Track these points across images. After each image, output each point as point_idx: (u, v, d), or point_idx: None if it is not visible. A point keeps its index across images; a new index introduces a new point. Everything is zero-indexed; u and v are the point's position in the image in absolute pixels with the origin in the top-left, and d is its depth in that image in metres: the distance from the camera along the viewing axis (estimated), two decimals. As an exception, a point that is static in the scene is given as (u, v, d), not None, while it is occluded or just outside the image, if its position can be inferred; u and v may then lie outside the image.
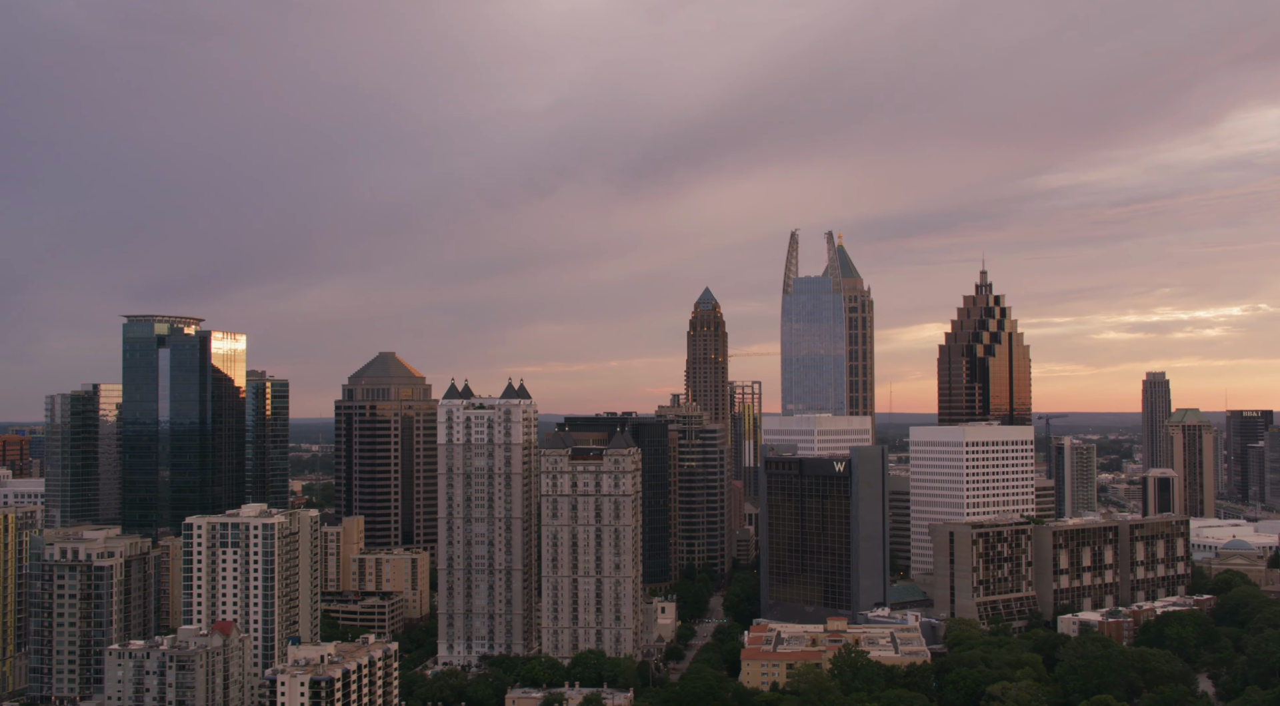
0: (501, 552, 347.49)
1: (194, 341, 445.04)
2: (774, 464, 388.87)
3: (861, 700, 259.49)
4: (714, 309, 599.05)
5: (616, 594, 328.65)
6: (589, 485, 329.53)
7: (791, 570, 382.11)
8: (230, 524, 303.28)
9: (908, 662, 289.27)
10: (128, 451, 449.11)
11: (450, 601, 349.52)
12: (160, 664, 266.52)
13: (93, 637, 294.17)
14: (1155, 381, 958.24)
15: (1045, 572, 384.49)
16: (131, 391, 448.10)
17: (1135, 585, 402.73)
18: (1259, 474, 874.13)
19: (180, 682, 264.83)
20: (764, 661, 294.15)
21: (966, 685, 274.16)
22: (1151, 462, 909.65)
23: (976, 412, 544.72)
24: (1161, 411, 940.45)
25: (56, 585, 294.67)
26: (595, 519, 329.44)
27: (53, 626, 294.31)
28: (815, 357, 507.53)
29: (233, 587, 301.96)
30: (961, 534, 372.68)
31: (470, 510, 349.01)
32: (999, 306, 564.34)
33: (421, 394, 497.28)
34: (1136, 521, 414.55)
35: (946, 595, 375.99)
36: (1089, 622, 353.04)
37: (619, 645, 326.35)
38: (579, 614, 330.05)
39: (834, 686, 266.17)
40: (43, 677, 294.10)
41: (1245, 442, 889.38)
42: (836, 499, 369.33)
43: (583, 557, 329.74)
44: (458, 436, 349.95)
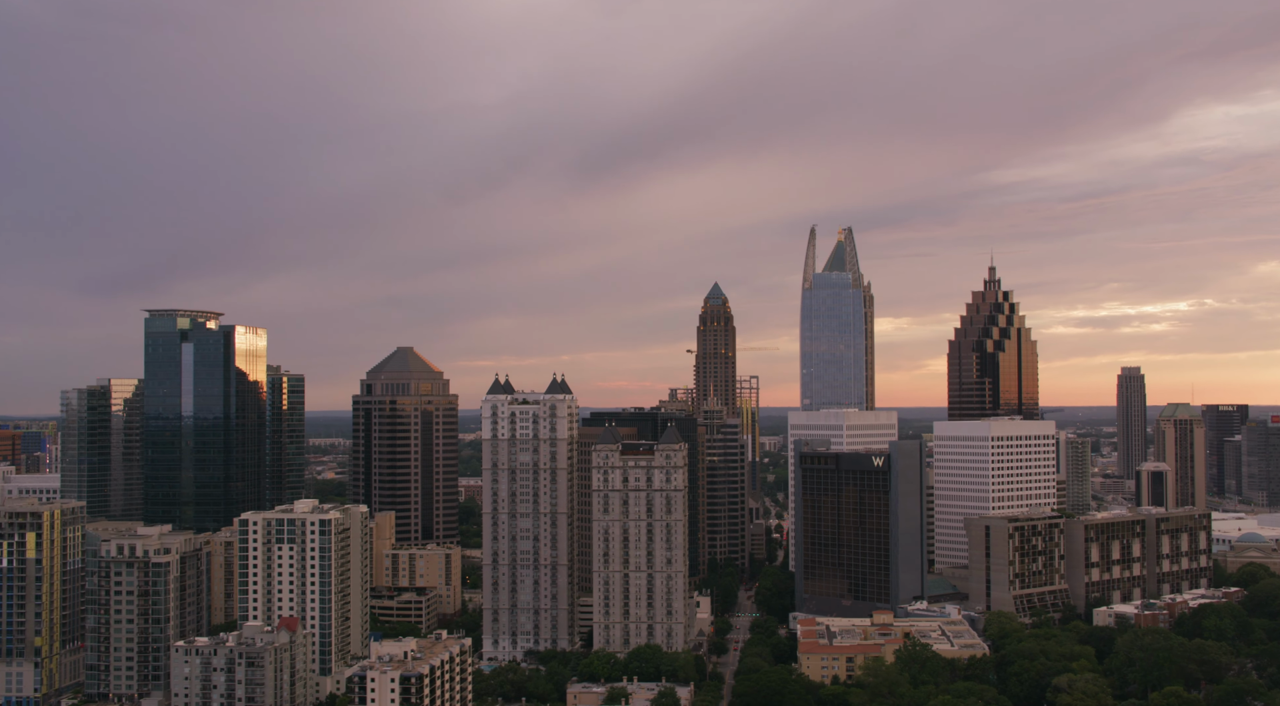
0: (547, 547, 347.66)
1: (218, 336, 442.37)
2: (809, 458, 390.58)
3: (929, 693, 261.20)
4: (724, 303, 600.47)
5: (668, 588, 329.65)
6: (640, 480, 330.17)
7: (827, 564, 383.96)
8: (286, 519, 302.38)
9: (967, 656, 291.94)
10: (150, 446, 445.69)
11: (495, 596, 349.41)
12: (228, 660, 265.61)
13: (150, 634, 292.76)
14: (1130, 376, 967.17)
15: (1077, 566, 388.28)
16: (154, 386, 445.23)
17: (1160, 578, 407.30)
18: (1235, 468, 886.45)
19: (249, 679, 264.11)
20: (824, 655, 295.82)
21: (1029, 677, 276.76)
22: (1128, 456, 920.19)
23: (987, 407, 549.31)
24: (1138, 405, 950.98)
25: (114, 582, 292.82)
26: (646, 514, 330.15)
27: (110, 623, 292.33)
28: (835, 353, 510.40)
29: (289, 583, 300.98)
30: (998, 527, 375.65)
31: (515, 505, 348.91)
32: (1008, 302, 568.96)
33: (440, 388, 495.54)
34: (1162, 515, 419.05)
35: (982, 588, 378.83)
36: (1125, 615, 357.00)
37: (670, 639, 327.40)
38: (630, 608, 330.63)
39: (903, 679, 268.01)
40: (100, 674, 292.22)
41: (1221, 437, 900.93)
42: (875, 493, 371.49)
43: (634, 552, 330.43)
44: (502, 432, 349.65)
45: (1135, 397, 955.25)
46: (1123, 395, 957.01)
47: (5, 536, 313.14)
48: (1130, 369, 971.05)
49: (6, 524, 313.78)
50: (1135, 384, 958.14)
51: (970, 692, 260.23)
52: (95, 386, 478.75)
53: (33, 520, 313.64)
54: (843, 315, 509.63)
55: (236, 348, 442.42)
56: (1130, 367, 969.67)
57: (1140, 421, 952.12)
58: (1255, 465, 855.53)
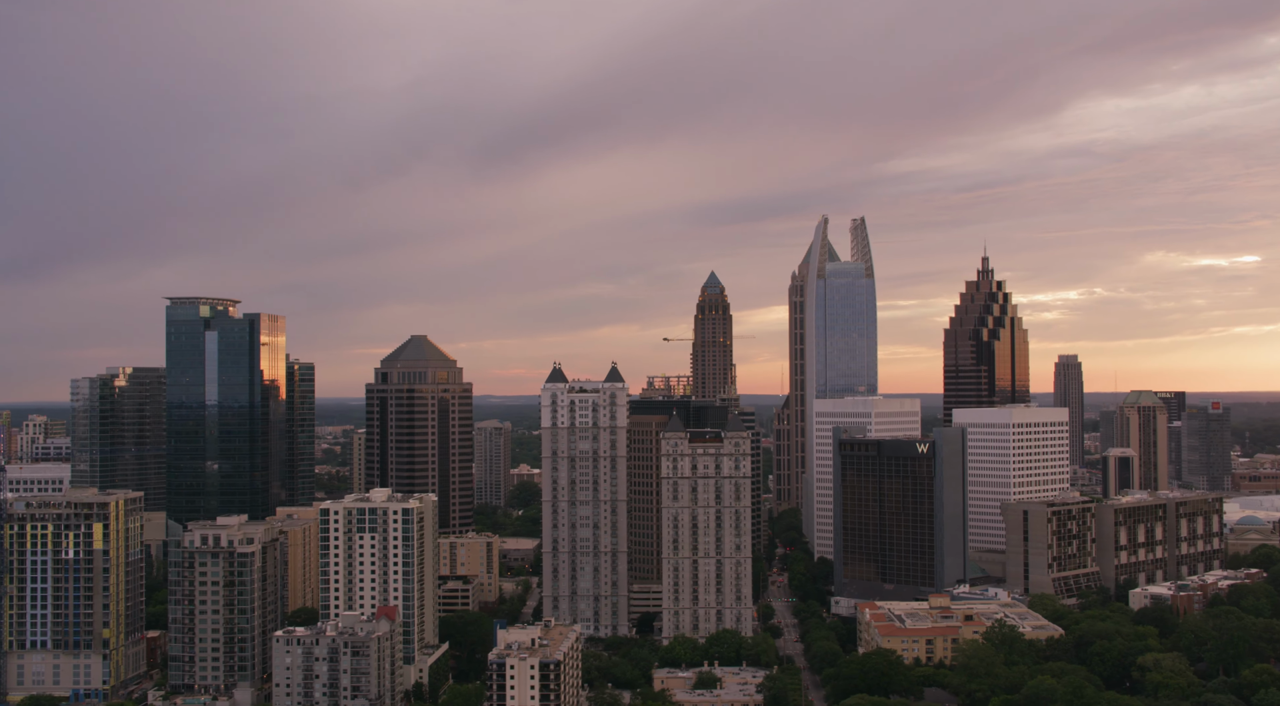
0: (607, 535, 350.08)
1: (242, 324, 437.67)
2: (848, 445, 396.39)
3: (1023, 673, 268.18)
4: (721, 293, 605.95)
5: (737, 574, 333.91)
6: (709, 467, 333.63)
7: (867, 549, 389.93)
8: (368, 509, 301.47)
9: (1045, 636, 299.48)
10: (173, 436, 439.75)
11: (556, 584, 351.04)
12: (330, 650, 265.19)
13: (236, 625, 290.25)
14: (1068, 363, 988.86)
15: (1107, 548, 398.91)
16: (176, 374, 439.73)
17: (1179, 560, 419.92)
18: (1176, 453, 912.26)
19: (355, 668, 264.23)
20: (903, 637, 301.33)
21: (1111, 657, 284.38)
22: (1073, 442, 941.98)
23: (983, 394, 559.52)
24: (1075, 392, 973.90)
25: (199, 572, 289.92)
26: (715, 500, 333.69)
27: (194, 614, 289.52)
28: (849, 342, 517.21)
29: (370, 572, 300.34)
30: (1036, 512, 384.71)
31: (575, 493, 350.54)
32: (1002, 291, 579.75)
33: (455, 377, 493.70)
34: (1181, 499, 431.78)
35: (1019, 571, 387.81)
36: (1160, 596, 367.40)
37: (739, 624, 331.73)
38: (699, 594, 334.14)
39: (998, 660, 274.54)
40: (184, 665, 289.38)
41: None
42: (918, 479, 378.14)
43: (703, 539, 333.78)
44: (562, 420, 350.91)
45: (1074, 385, 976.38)
46: (1060, 382, 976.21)
47: (71, 527, 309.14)
48: (1068, 357, 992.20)
49: (72, 515, 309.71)
50: (1073, 372, 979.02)
51: (1064, 672, 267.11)
52: (106, 374, 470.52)
53: (99, 510, 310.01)
54: (856, 304, 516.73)
55: (261, 335, 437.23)
56: (1068, 356, 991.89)
57: (1078, 408, 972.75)
58: (1195, 450, 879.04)
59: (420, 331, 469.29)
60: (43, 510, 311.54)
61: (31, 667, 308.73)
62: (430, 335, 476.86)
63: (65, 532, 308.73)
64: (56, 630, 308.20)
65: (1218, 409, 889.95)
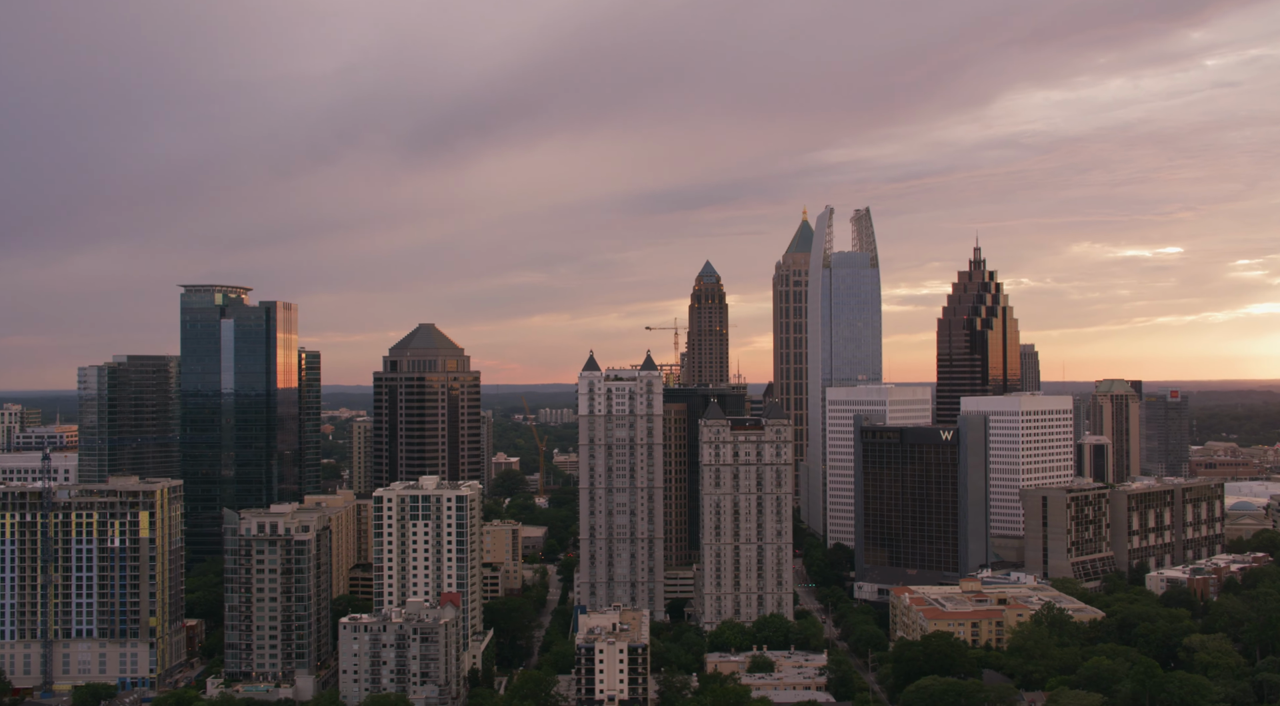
0: (644, 521, 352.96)
1: (259, 312, 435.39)
2: (870, 432, 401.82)
3: (1075, 654, 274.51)
4: (717, 283, 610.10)
5: (778, 559, 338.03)
6: (750, 454, 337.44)
7: (889, 535, 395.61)
8: (421, 496, 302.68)
9: (1088, 618, 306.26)
10: (188, 424, 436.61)
11: (593, 570, 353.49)
12: (398, 636, 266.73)
13: (294, 612, 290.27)
14: (1026, 352, 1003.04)
15: (1120, 533, 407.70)
16: (191, 362, 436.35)
17: (1185, 544, 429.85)
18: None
19: (425, 654, 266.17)
20: (949, 620, 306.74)
21: (1156, 638, 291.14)
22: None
23: (977, 383, 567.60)
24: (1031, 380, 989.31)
25: (256, 560, 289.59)
26: (757, 487, 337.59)
27: (252, 602, 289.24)
28: (854, 330, 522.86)
29: (424, 559, 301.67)
30: (1055, 498, 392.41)
31: (612, 480, 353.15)
32: (994, 281, 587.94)
33: (463, 366, 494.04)
34: (1186, 485, 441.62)
35: (1038, 556, 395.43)
36: (1177, 579, 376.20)
37: (780, 609, 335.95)
38: (741, 579, 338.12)
39: (1052, 642, 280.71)
40: (241, 653, 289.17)
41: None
42: (942, 466, 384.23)
43: (744, 525, 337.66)
44: (599, 408, 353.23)
45: (1031, 373, 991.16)
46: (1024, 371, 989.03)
47: (117, 515, 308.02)
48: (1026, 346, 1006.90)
49: (119, 503, 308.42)
50: (1030, 361, 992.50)
51: (1116, 653, 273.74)
52: (114, 363, 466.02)
53: (145, 498, 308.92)
54: (861, 293, 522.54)
55: (278, 323, 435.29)
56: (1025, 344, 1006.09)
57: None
58: (1154, 437, 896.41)
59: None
60: (89, 498, 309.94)
61: (78, 656, 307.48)
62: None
63: (111, 521, 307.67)
64: (103, 619, 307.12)
65: (1176, 398, 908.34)
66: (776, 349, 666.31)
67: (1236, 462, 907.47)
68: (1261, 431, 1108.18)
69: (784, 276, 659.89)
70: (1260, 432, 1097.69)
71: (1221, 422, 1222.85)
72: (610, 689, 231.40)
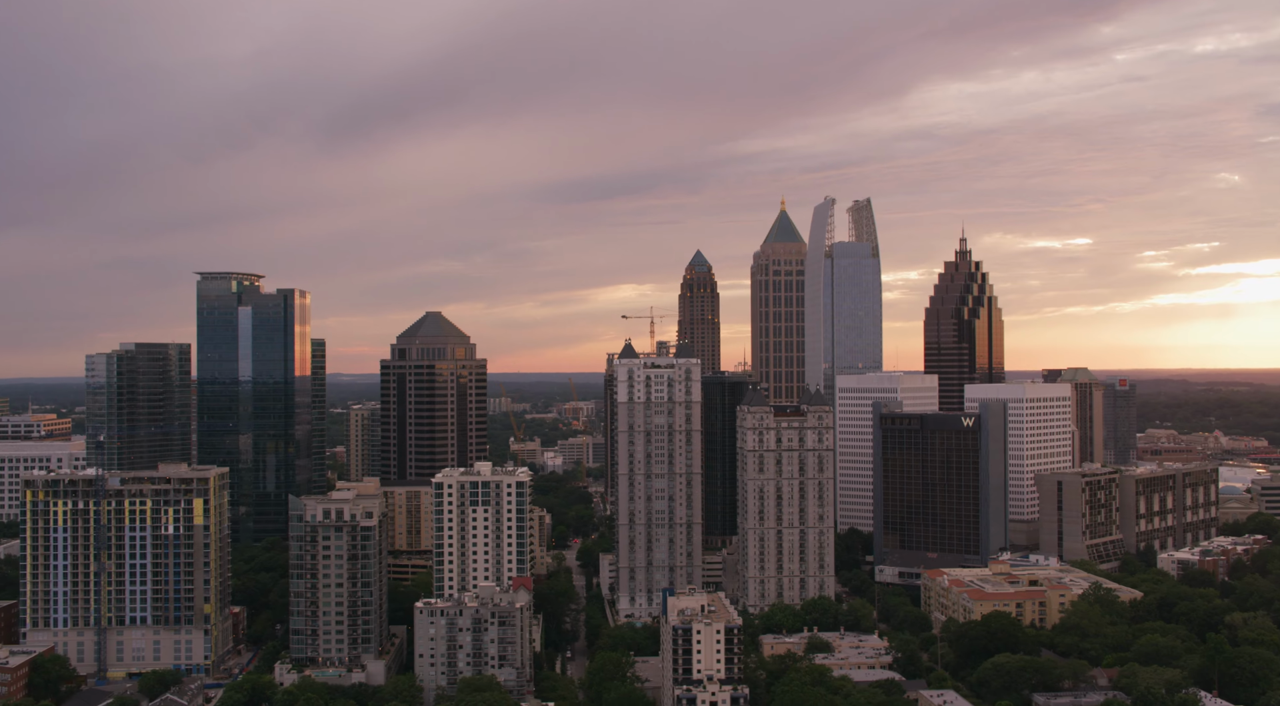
0: (682, 506, 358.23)
1: (277, 299, 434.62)
2: (889, 419, 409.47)
3: (1126, 632, 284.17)
4: (709, 271, 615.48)
5: (820, 543, 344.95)
6: (793, 440, 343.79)
7: (910, 520, 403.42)
8: (481, 481, 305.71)
9: (1129, 598, 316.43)
10: (205, 412, 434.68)
11: (632, 555, 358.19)
12: (475, 621, 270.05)
13: (360, 598, 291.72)
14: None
15: (1129, 517, 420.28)
16: (208, 350, 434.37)
17: (1185, 527, 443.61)
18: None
19: (502, 638, 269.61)
20: (995, 600, 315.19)
21: (1200, 616, 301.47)
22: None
23: (965, 371, 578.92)
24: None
25: (322, 546, 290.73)
26: (799, 472, 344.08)
27: (318, 588, 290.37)
28: (856, 319, 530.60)
29: (483, 544, 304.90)
30: (1071, 482, 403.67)
31: (650, 466, 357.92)
32: (980, 271, 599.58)
33: (470, 353, 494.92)
34: (1186, 470, 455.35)
35: (1053, 539, 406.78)
36: (1187, 561, 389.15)
37: (822, 591, 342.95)
38: (783, 563, 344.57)
39: (1105, 620, 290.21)
40: (306, 639, 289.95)
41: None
42: (963, 451, 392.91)
43: (786, 509, 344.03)
44: (638, 395, 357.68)
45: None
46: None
47: (171, 502, 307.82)
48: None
49: (173, 490, 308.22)
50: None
51: (1167, 630, 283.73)
52: (122, 351, 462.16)
53: (199, 486, 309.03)
54: (863, 283, 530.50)
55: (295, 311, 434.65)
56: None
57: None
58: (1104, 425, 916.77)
59: None
60: (141, 485, 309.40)
61: (131, 644, 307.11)
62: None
63: (165, 508, 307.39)
64: (157, 606, 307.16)
65: (1124, 386, 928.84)
66: (755, 338, 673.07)
67: (1179, 449, 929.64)
68: (1193, 419, 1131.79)
69: (763, 266, 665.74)
70: (1192, 420, 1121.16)
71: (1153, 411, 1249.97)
72: (708, 668, 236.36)
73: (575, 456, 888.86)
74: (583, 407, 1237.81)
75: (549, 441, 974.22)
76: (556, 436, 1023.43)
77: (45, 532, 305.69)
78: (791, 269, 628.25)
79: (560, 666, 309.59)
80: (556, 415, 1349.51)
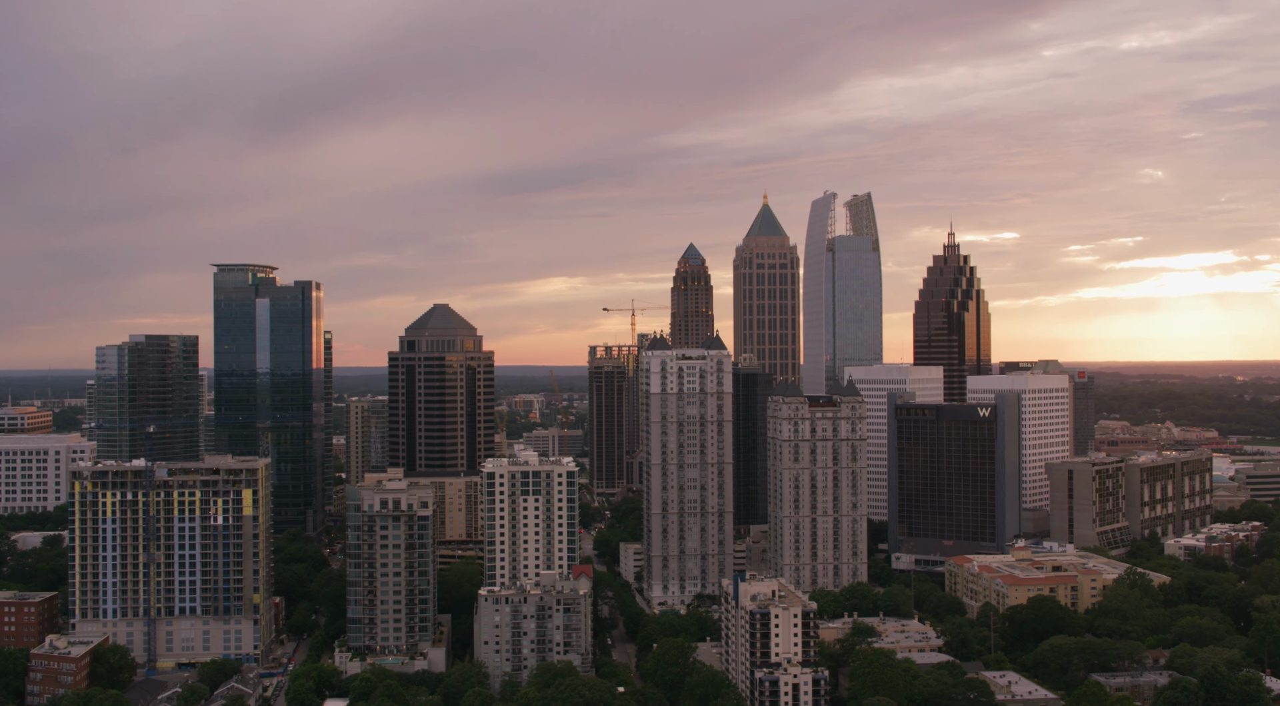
0: (714, 496, 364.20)
1: (294, 291, 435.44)
2: (904, 410, 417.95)
3: (1163, 615, 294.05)
4: (702, 264, 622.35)
5: (853, 531, 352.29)
6: (826, 431, 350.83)
7: (924, 508, 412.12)
8: (532, 471, 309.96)
9: (1158, 582, 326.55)
10: (222, 404, 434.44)
11: (665, 543, 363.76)
12: (539, 607, 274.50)
13: (416, 586, 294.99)
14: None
15: (1134, 504, 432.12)
16: (225, 342, 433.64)
17: (1183, 515, 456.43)
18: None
19: (568, 624, 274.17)
20: (1030, 586, 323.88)
21: (1228, 599, 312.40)
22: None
23: (955, 362, 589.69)
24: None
25: (379, 536, 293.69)
26: (833, 461, 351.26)
27: (376, 577, 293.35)
28: (857, 312, 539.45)
29: (534, 532, 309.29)
30: (1082, 471, 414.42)
31: (683, 456, 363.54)
32: (968, 265, 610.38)
33: (478, 346, 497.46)
34: (1185, 459, 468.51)
35: (1063, 526, 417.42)
36: (1194, 547, 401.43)
37: (856, 578, 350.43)
38: (818, 550, 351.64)
39: (1144, 604, 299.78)
40: (364, 627, 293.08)
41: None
42: (979, 441, 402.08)
43: (820, 498, 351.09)
44: (671, 386, 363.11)
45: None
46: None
47: (220, 493, 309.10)
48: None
49: (221, 481, 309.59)
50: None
51: (1202, 613, 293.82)
52: (133, 342, 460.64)
53: (248, 476, 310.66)
54: (864, 276, 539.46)
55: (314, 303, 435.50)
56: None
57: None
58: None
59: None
60: (190, 476, 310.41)
61: (181, 634, 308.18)
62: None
63: (214, 499, 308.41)
64: (206, 596, 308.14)
65: (1084, 377, 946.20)
66: (739, 330, 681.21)
67: (1134, 440, 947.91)
68: (1139, 411, 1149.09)
69: (746, 259, 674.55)
70: (1139, 412, 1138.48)
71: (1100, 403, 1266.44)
72: (785, 651, 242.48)
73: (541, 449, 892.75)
74: (544, 399, 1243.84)
75: (513, 434, 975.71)
76: (518, 429, 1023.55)
77: (94, 524, 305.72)
78: (776, 262, 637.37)
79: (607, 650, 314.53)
80: (508, 407, 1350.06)
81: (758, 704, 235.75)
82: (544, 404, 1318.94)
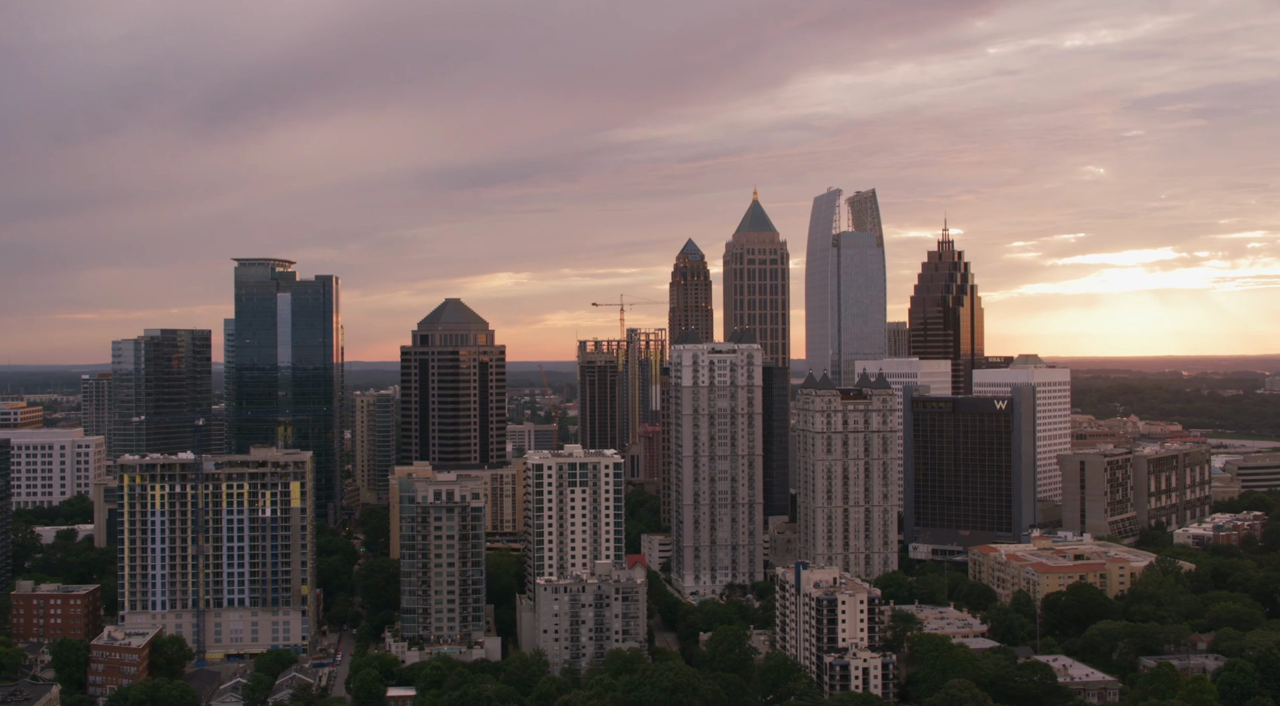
0: (745, 487, 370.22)
1: (315, 286, 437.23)
2: (921, 402, 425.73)
3: (1195, 601, 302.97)
4: (701, 260, 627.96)
5: (884, 521, 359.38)
6: (858, 422, 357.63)
7: (941, 499, 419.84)
8: (579, 463, 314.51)
9: (1184, 569, 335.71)
10: (242, 398, 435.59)
11: (696, 534, 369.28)
12: (598, 597, 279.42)
13: (470, 577, 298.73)
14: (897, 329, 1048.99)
15: (1142, 495, 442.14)
16: (246, 335, 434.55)
17: (1186, 505, 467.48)
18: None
19: (626, 613, 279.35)
20: (1060, 573, 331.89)
21: (1254, 585, 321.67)
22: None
23: (951, 356, 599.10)
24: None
25: (434, 527, 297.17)
26: (864, 453, 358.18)
27: (430, 567, 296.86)
28: (862, 308, 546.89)
29: (581, 523, 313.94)
30: (1094, 462, 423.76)
31: (714, 448, 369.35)
32: (962, 260, 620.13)
33: (489, 340, 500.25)
34: (1186, 451, 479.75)
35: (1075, 516, 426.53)
36: (1203, 535, 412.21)
37: (886, 567, 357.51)
38: (850, 540, 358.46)
39: (1177, 590, 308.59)
40: (418, 618, 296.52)
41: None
42: (996, 433, 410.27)
43: (852, 489, 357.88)
44: (702, 379, 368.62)
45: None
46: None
47: (268, 486, 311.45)
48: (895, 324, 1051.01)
49: (269, 473, 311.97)
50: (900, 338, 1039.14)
51: (1233, 598, 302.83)
52: (148, 337, 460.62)
53: (296, 469, 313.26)
54: (869, 272, 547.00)
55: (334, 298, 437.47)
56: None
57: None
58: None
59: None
60: (238, 469, 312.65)
61: (229, 625, 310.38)
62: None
63: (262, 491, 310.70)
64: (254, 588, 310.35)
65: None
66: (729, 325, 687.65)
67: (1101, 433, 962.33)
68: (1100, 405, 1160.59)
69: (737, 255, 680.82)
70: (1099, 406, 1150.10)
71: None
72: (852, 637, 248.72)
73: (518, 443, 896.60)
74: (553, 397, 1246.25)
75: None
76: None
77: (142, 516, 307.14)
78: (767, 258, 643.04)
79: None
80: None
81: (828, 687, 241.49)
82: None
